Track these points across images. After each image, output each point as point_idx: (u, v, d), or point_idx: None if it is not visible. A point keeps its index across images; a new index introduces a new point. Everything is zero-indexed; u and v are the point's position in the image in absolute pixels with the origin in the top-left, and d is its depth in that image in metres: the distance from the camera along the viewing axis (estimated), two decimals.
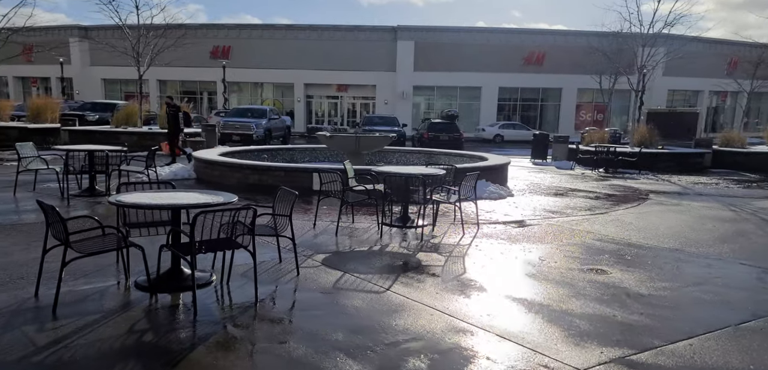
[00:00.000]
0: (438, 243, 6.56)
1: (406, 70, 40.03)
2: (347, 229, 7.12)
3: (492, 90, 40.47)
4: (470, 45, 39.32)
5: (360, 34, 41.07)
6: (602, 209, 9.30)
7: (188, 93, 44.14)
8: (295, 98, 42.14)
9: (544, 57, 39.51)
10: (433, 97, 42.24)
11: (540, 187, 12.08)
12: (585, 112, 41.79)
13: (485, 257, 6.00)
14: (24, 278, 4.58)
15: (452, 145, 22.63)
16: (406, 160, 14.92)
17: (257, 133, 23.28)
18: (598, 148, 16.27)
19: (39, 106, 18.52)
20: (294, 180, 9.85)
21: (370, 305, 4.38)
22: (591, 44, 34.63)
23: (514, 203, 9.72)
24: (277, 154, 14.35)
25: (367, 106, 42.27)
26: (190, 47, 41.36)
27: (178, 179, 10.80)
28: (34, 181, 8.91)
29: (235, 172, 10.21)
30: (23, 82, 47.53)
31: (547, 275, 5.36)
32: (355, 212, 7.89)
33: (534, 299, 4.64)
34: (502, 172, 11.95)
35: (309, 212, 7.96)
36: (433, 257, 5.91)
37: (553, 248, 6.48)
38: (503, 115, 41.19)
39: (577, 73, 36.51)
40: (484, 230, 7.39)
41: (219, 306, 4.34)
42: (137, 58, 18.82)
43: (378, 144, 12.86)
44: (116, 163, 8.68)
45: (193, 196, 4.71)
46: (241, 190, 9.79)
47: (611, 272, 5.51)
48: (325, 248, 6.15)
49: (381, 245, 6.41)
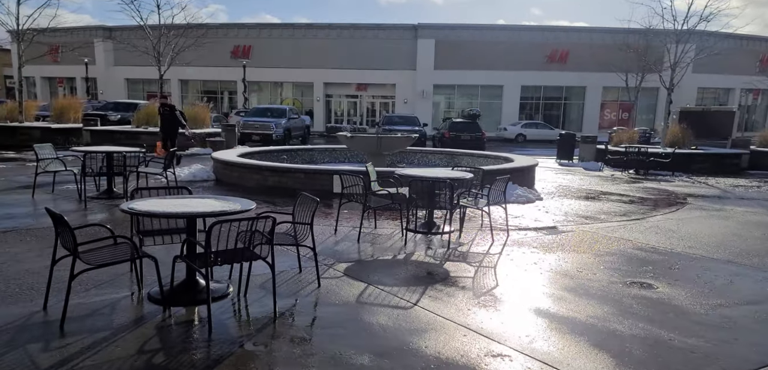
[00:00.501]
0: (466, 252, 6.19)
1: (426, 68, 39.59)
2: (369, 235, 6.80)
3: (514, 88, 39.76)
4: (492, 42, 38.68)
5: (380, 33, 40.76)
6: (638, 215, 8.80)
7: (209, 93, 44.42)
8: (315, 98, 42.05)
9: (568, 55, 38.66)
10: (453, 96, 41.71)
11: (569, 189, 11.59)
12: (610, 111, 40.78)
13: (518, 267, 5.61)
14: (34, 288, 4.36)
15: (474, 145, 22.16)
16: (428, 162, 14.56)
17: (277, 133, 23.13)
18: (629, 149, 15.65)
19: (62, 106, 18.64)
20: (314, 182, 9.58)
21: (396, 322, 4.05)
22: (616, 41, 33.80)
23: (544, 207, 9.28)
24: (297, 155, 14.12)
25: (387, 105, 41.94)
26: (211, 47, 41.64)
27: (197, 181, 10.62)
28: (52, 183, 8.80)
29: (254, 174, 9.98)
30: (50, 82, 48.44)
31: (587, 288, 4.95)
32: (377, 217, 7.57)
33: (576, 317, 4.25)
34: (530, 174, 11.50)
35: (330, 216, 7.67)
36: (461, 268, 5.55)
37: (590, 257, 6.06)
38: (525, 114, 40.45)
39: (602, 71, 35.61)
40: (514, 236, 6.99)
41: (236, 321, 4.05)
42: (158, 57, 18.80)
43: (400, 145, 12.52)
44: (134, 164, 8.51)
45: (209, 203, 4.43)
46: (260, 192, 9.56)
47: (658, 286, 5.07)
48: (347, 256, 5.83)
49: (405, 253, 6.08)
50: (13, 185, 9.50)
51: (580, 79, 38.92)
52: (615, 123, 38.69)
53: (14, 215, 7.06)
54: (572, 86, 40.05)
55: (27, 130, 16.41)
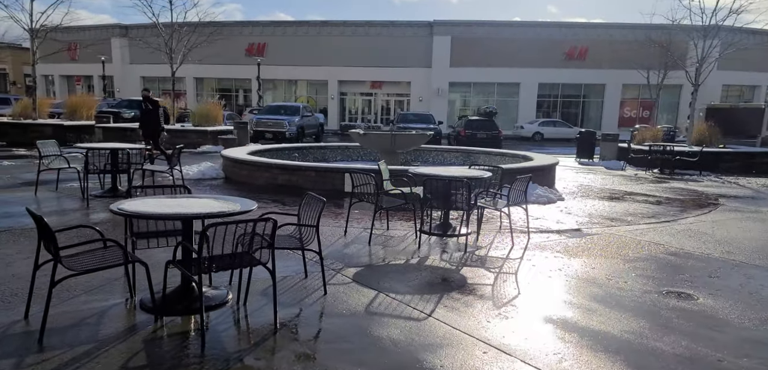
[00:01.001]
0: (484, 256, 5.77)
1: (441, 65, 39.06)
2: (381, 237, 6.42)
3: (531, 86, 39.02)
4: (509, 39, 37.99)
5: (395, 30, 40.33)
6: (668, 216, 8.28)
7: (224, 90, 44.44)
8: (329, 95, 41.78)
9: (587, 51, 37.80)
10: (469, 94, 41.11)
11: (591, 189, 11.07)
12: (630, 108, 39.83)
13: (541, 274, 5.18)
14: (17, 295, 4.06)
15: (491, 144, 21.62)
16: (443, 160, 14.13)
17: (290, 131, 22.89)
18: (653, 147, 15.02)
19: (75, 103, 18.60)
20: (325, 181, 9.24)
21: (409, 336, 3.66)
22: (638, 37, 32.92)
23: (566, 207, 8.80)
24: (309, 153, 13.80)
25: (402, 103, 41.51)
26: (225, 45, 41.57)
27: (206, 178, 10.35)
28: (56, 181, 8.58)
29: (264, 172, 9.66)
30: (68, 80, 48.93)
31: (618, 299, 4.51)
32: (389, 218, 7.18)
33: (609, 332, 3.82)
34: (550, 173, 11.01)
35: (340, 216, 7.30)
36: (479, 274, 5.13)
37: (620, 263, 5.60)
38: (542, 111, 39.69)
39: (622, 68, 34.78)
40: (536, 239, 6.55)
41: (233, 333, 3.70)
42: (170, 54, 18.65)
43: (414, 142, 12.12)
44: (139, 161, 8.25)
45: (207, 203, 4.09)
46: (270, 191, 9.24)
47: (698, 297, 4.60)
48: (357, 260, 5.46)
49: (419, 256, 5.68)
50: (18, 183, 9.32)
51: (600, 77, 38.04)
52: (635, 121, 37.79)
53: (12, 214, 6.82)
54: (591, 84, 39.17)
55: (39, 127, 16.35)
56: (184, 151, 15.81)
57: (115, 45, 44.21)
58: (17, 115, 17.20)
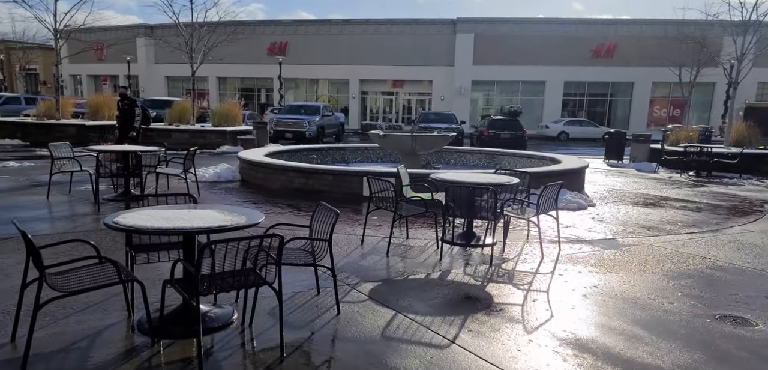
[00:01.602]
0: (511, 270, 5.33)
1: (464, 64, 38.44)
2: (400, 247, 6.03)
3: (557, 84, 38.10)
4: (534, 37, 37.15)
5: (418, 28, 39.86)
6: (711, 226, 7.68)
7: (246, 90, 44.65)
8: (350, 94, 41.55)
9: (615, 48, 36.71)
10: (492, 93, 40.38)
11: (624, 194, 10.47)
12: (659, 107, 38.58)
13: (575, 292, 4.72)
14: (9, 313, 3.80)
15: (515, 144, 21.04)
16: (466, 162, 13.67)
17: (310, 131, 22.68)
18: (689, 149, 14.26)
19: (97, 103, 18.66)
20: (343, 185, 8.89)
21: (429, 368, 3.26)
22: (669, 33, 31.79)
23: (597, 214, 8.27)
24: (327, 154, 13.49)
25: (423, 102, 41.03)
26: (247, 44, 41.73)
27: (222, 181, 10.11)
28: (69, 184, 8.42)
29: (280, 175, 9.37)
30: (95, 80, 49.81)
31: (666, 324, 4.02)
32: (409, 225, 6.79)
33: (659, 365, 3.35)
34: (579, 176, 10.46)
35: (358, 223, 6.93)
36: (507, 291, 4.70)
37: (662, 280, 5.09)
38: (567, 110, 38.74)
39: (652, 65, 33.63)
40: (567, 251, 6.08)
41: (236, 360, 3.36)
42: (191, 53, 18.57)
43: (436, 144, 11.68)
44: (153, 163, 8.02)
45: (210, 215, 3.74)
46: (285, 195, 8.94)
47: (756, 322, 4.09)
48: (374, 273, 5.08)
49: (441, 270, 5.27)
50: (33, 185, 9.21)
51: (628, 74, 36.92)
52: (665, 120, 36.65)
53: (20, 219, 6.63)
54: (619, 82, 38.05)
55: (63, 127, 16.43)
56: (202, 152, 15.79)
57: (140, 45, 44.79)
58: (41, 115, 17.33)
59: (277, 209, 7.89)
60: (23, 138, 15.88)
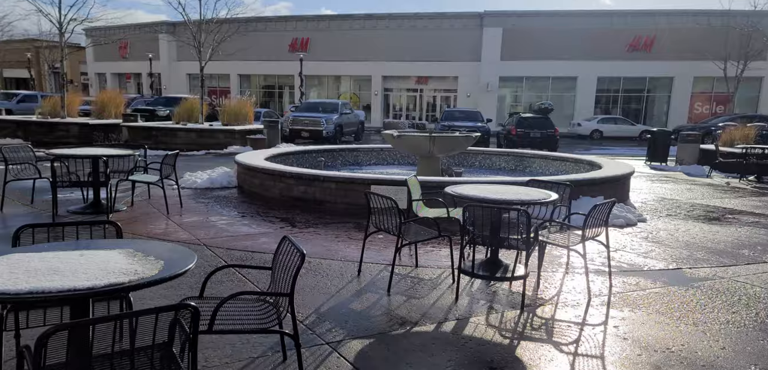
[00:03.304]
0: (550, 319, 4.04)
1: (492, 59, 36.80)
2: (406, 280, 4.79)
3: (589, 80, 36.11)
4: (565, 30, 35.23)
5: (443, 22, 38.37)
6: None
7: (268, 88, 43.97)
8: (372, 91, 40.37)
9: (654, 42, 34.51)
10: (520, 89, 38.63)
11: (677, 205, 8.97)
12: (701, 103, 36.18)
13: (642, 358, 3.40)
14: None
15: (545, 144, 19.54)
16: (491, 164, 12.33)
17: (327, 130, 21.60)
18: (749, 150, 12.56)
19: (104, 100, 17.94)
20: (347, 194, 7.69)
21: None
22: (713, 25, 29.65)
23: (651, 233, 6.85)
24: (339, 156, 12.32)
25: (448, 99, 39.58)
26: (269, 41, 41.12)
27: (215, 188, 9.03)
28: (32, 192, 7.40)
29: (277, 182, 8.22)
30: (120, 77, 49.98)
31: None
32: (420, 247, 5.55)
33: None
34: (624, 185, 9.03)
35: (358, 243, 5.70)
36: (546, 356, 3.42)
37: (762, 336, 3.72)
38: (600, 107, 36.74)
39: (693, 59, 31.44)
40: (619, 286, 4.74)
41: None
42: (198, 49, 17.69)
43: (458, 146, 10.38)
44: (126, 169, 6.97)
45: (111, 263, 2.56)
46: (282, 205, 7.80)
47: None
48: (367, 323, 3.86)
49: (457, 317, 4.01)
50: None
51: (667, 69, 34.68)
52: (707, 117, 34.42)
53: None
54: (657, 77, 35.83)
55: (66, 126, 15.72)
56: (209, 153, 14.83)
57: (163, 42, 44.60)
58: (46, 113, 16.69)
59: (265, 225, 6.74)
60: (25, 137, 15.23)
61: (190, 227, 6.41)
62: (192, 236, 6.04)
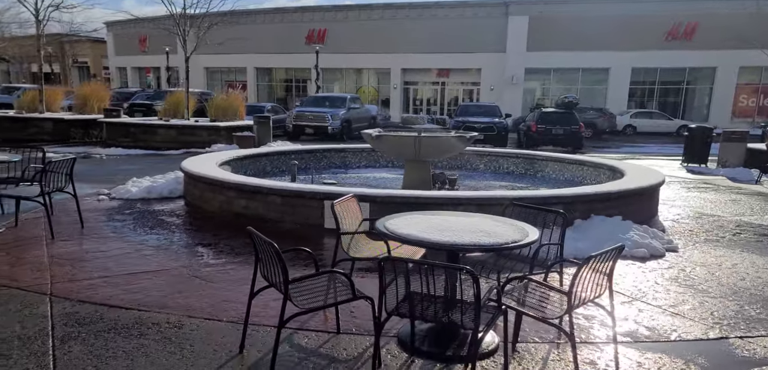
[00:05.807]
0: None
1: (517, 50, 34.68)
2: (315, 357, 3.27)
3: (623, 71, 33.58)
4: (597, 18, 32.74)
5: (466, 11, 36.36)
6: None
7: (287, 81, 42.89)
8: (392, 84, 38.77)
9: (696, 29, 31.71)
10: (548, 81, 36.38)
11: (720, 224, 7.13)
12: (746, 96, 33.20)
13: None
14: None
15: (569, 142, 17.65)
16: (497, 167, 10.69)
17: (332, 125, 20.24)
18: None
19: (85, 94, 16.93)
20: (296, 211, 6.23)
21: None
22: (762, 9, 26.87)
23: (684, 270, 5.12)
24: (323, 158, 10.88)
25: (471, 93, 37.64)
26: (285, 33, 39.95)
27: (152, 198, 7.66)
28: None
29: (217, 194, 6.80)
30: (140, 71, 49.87)
31: None
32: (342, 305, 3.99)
33: None
34: (651, 199, 7.26)
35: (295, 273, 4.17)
36: None
37: None
38: (635, 101, 34.24)
39: (740, 47, 28.59)
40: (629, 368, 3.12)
41: None
42: (184, 39, 16.50)
43: (450, 148, 8.76)
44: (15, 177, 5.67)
45: None
46: (218, 224, 6.37)
47: None
48: None
49: None
50: None
51: (709, 59, 31.88)
52: (753, 112, 31.62)
53: None
54: (698, 67, 33.04)
55: (40, 122, 14.75)
56: (190, 152, 13.56)
57: None
58: (23, 107, 15.77)
59: (170, 257, 5.23)
60: None
61: (61, 261, 4.86)
62: (43, 278, 4.44)
